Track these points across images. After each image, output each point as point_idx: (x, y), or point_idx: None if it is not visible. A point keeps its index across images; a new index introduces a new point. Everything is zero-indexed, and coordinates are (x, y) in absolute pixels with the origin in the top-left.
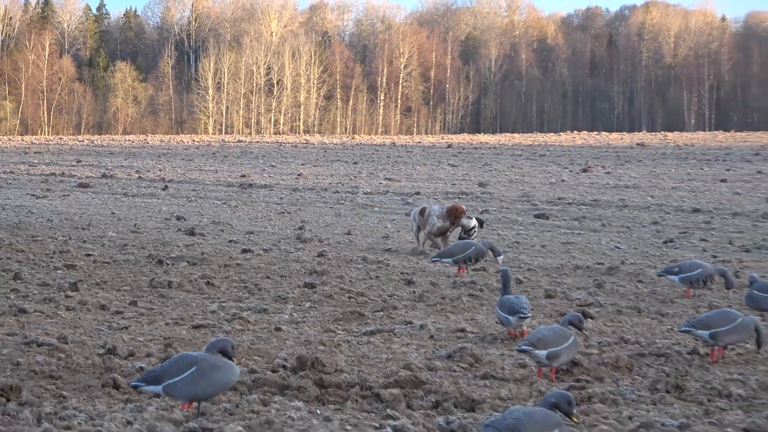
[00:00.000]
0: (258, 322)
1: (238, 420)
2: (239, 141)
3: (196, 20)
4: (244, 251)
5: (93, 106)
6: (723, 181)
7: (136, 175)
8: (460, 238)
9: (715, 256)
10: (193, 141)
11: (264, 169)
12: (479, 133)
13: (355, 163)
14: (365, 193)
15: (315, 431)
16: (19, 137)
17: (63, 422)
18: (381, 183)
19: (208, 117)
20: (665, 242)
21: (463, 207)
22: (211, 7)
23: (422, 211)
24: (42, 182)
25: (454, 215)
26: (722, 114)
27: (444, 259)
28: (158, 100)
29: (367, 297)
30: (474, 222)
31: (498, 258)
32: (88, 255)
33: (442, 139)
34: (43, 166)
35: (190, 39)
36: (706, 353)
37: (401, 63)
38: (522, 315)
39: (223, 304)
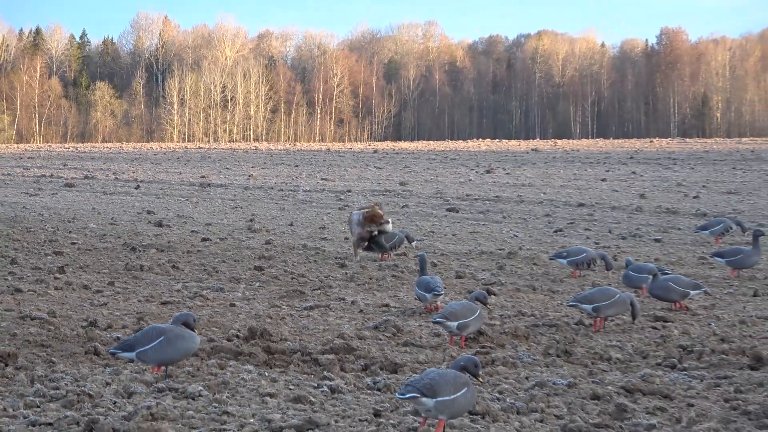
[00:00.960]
0: (215, 299)
1: (199, 381)
2: (199, 148)
3: (163, 47)
4: (204, 240)
5: (77, 119)
6: (603, 180)
7: (113, 176)
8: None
9: (597, 243)
10: (161, 148)
11: (220, 171)
12: (400, 140)
13: (297, 165)
14: (305, 191)
15: (263, 390)
16: (15, 145)
17: (52, 383)
18: (318, 182)
19: (174, 127)
20: (555, 231)
21: (381, 212)
22: (176, 36)
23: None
24: (34, 183)
25: (374, 221)
26: (602, 124)
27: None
28: (131, 113)
29: (306, 278)
30: (390, 226)
31: (412, 243)
32: (73, 243)
33: (369, 145)
34: (35, 170)
35: (158, 62)
36: (589, 324)
37: (335, 82)
38: (436, 292)
39: (187, 284)
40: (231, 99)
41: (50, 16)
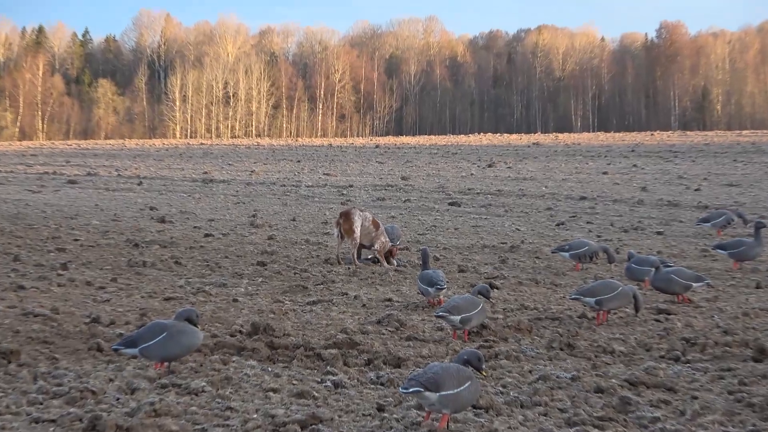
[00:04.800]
0: (218, 294)
1: (202, 377)
2: (202, 144)
3: (165, 44)
4: (207, 235)
5: (79, 116)
6: (605, 173)
7: (116, 173)
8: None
9: (599, 236)
10: (164, 144)
11: (222, 167)
12: (402, 135)
13: (299, 161)
14: (307, 186)
15: (267, 385)
16: (18, 143)
17: (55, 380)
18: (320, 177)
19: (176, 124)
20: (557, 225)
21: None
22: (178, 33)
23: (374, 221)
24: (37, 180)
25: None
26: (603, 118)
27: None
28: (134, 110)
29: (309, 273)
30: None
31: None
32: (76, 240)
33: (371, 140)
34: (38, 167)
35: (160, 59)
36: (592, 317)
37: (336, 78)
38: (439, 286)
39: (189, 280)
40: (233, 95)
41: (53, 13)
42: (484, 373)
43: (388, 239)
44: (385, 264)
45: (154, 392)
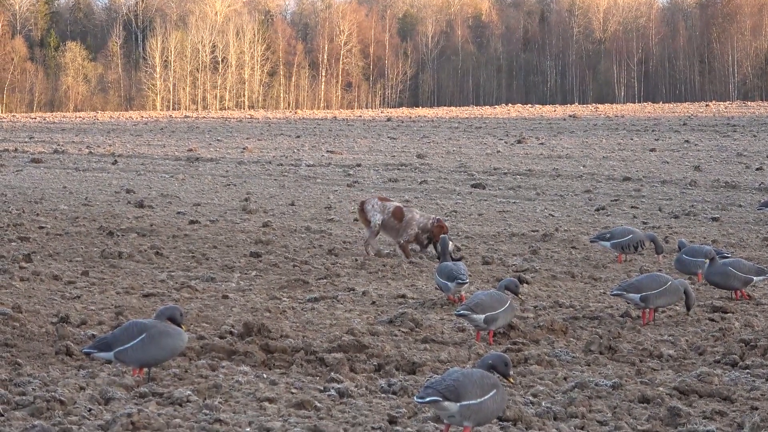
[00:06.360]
0: (206, 290)
1: (187, 384)
2: (186, 117)
3: (143, 1)
4: (192, 222)
5: (45, 85)
6: (652, 150)
7: (87, 150)
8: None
9: (645, 223)
10: (142, 117)
11: (210, 144)
12: (417, 107)
13: (298, 136)
14: (308, 165)
15: (261, 394)
16: None
17: (18, 389)
18: (323, 156)
19: (156, 94)
20: (597, 210)
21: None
22: None
23: (397, 212)
24: None
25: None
26: (651, 86)
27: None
28: (107, 78)
29: (310, 265)
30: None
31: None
32: (41, 227)
33: (381, 113)
34: None
35: (137, 19)
36: (637, 316)
37: (341, 40)
38: (460, 281)
39: (172, 274)
40: (222, 61)
41: None
42: (512, 380)
43: (420, 230)
44: (406, 258)
45: (131, 402)
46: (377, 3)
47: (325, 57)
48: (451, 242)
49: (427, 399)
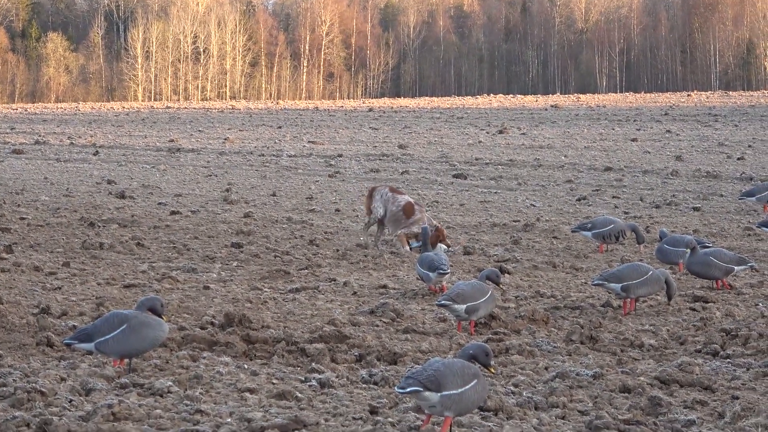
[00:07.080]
0: (187, 281)
1: (168, 375)
2: (167, 107)
3: None
4: (173, 213)
5: (26, 76)
6: (633, 140)
7: (68, 141)
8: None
9: (626, 213)
10: (123, 108)
11: (191, 134)
12: (399, 97)
13: (280, 127)
14: (289, 156)
15: (242, 385)
16: None
17: None
18: (305, 146)
19: (138, 85)
20: (579, 200)
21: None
22: None
23: (408, 208)
24: None
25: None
26: (632, 76)
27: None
28: (89, 69)
29: (292, 256)
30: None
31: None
32: (22, 218)
33: (363, 103)
34: None
35: (119, 9)
36: (618, 305)
37: (323, 31)
38: (441, 271)
39: (153, 264)
40: (203, 51)
41: None
42: (493, 370)
43: (424, 230)
44: (402, 248)
45: (112, 393)
46: None
47: (307, 47)
48: (450, 243)
49: (408, 389)
